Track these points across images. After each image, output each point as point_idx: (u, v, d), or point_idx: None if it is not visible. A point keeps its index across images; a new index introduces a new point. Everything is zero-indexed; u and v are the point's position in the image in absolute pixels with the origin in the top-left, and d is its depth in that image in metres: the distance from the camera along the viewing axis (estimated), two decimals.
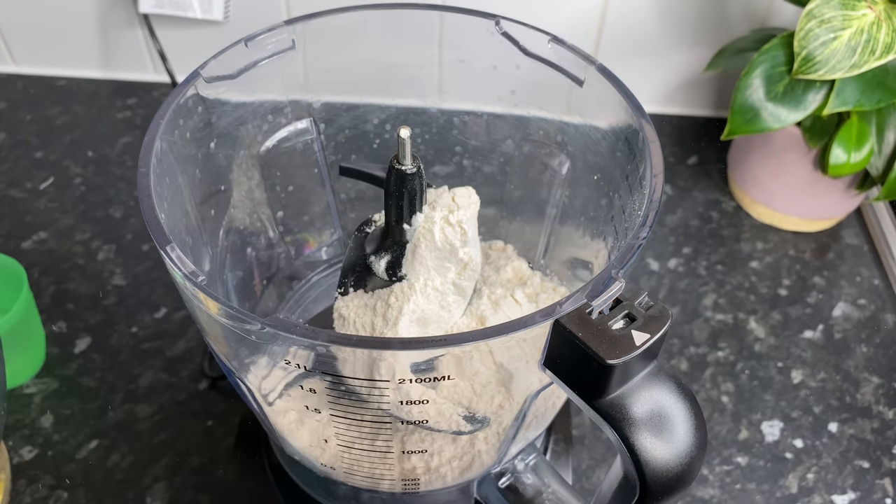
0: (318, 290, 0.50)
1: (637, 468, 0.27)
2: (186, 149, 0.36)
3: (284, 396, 0.35)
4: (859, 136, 0.57)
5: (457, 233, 0.35)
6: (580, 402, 0.28)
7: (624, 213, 0.35)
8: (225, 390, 0.54)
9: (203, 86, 0.36)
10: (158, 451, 0.51)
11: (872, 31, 0.52)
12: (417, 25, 0.41)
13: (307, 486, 0.44)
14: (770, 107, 0.57)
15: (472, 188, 0.36)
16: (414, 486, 0.39)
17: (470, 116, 0.44)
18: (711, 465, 0.51)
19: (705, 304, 0.61)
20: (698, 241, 0.65)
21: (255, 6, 0.71)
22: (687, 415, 0.27)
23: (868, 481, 0.51)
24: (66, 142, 0.71)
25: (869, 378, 0.56)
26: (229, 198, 0.41)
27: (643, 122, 0.33)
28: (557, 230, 0.44)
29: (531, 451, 0.41)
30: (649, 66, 0.73)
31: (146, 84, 0.78)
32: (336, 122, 0.44)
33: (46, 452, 0.50)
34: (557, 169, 0.42)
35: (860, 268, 0.64)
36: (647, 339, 0.26)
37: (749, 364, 0.57)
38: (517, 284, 0.41)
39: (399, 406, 0.32)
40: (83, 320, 0.57)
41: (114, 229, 0.64)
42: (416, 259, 0.35)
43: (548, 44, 0.37)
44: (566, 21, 0.69)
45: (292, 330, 0.26)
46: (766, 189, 0.65)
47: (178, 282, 0.29)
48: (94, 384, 0.54)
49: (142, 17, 0.71)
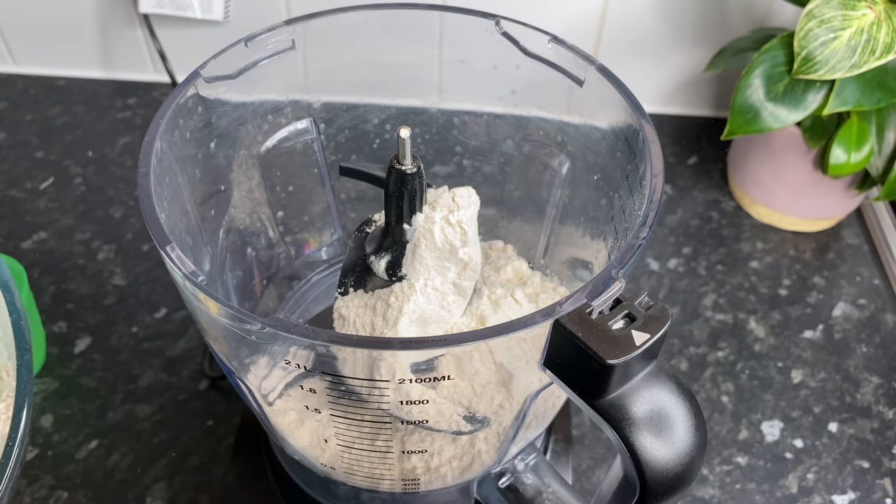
0: (318, 290, 0.50)
1: (637, 468, 0.27)
2: (186, 149, 0.36)
3: (284, 396, 0.35)
4: (859, 136, 0.57)
5: (457, 233, 0.35)
6: (580, 402, 0.28)
7: (624, 213, 0.35)
8: (225, 390, 0.54)
9: (203, 86, 0.36)
10: (158, 451, 0.51)
11: (872, 31, 0.52)
12: (417, 25, 0.41)
13: (307, 486, 0.44)
14: (770, 107, 0.57)
15: (472, 188, 0.36)
16: (414, 486, 0.39)
17: (470, 116, 0.44)
18: (711, 465, 0.51)
19: (705, 304, 0.61)
20: (698, 241, 0.65)
21: (255, 6, 0.71)
22: (687, 415, 0.27)
23: (868, 481, 0.51)
24: (66, 142, 0.71)
25: (869, 378, 0.57)
26: (229, 198, 0.41)
27: (643, 122, 0.33)
28: (557, 230, 0.44)
29: (531, 451, 0.41)
30: (649, 66, 0.73)
31: (146, 84, 0.78)
32: (336, 122, 0.44)
33: (46, 452, 0.50)
34: (557, 169, 0.42)
35: (860, 268, 0.64)
36: (647, 339, 0.26)
37: (749, 364, 0.57)
38: (517, 284, 0.41)
39: (399, 406, 0.32)
40: (83, 320, 0.57)
41: (114, 229, 0.64)
42: (416, 259, 0.35)
43: (548, 44, 0.37)
44: (566, 21, 0.69)
45: (292, 330, 0.26)
46: (766, 189, 0.65)
47: (178, 282, 0.29)
48: (94, 384, 0.54)
49: (142, 17, 0.71)
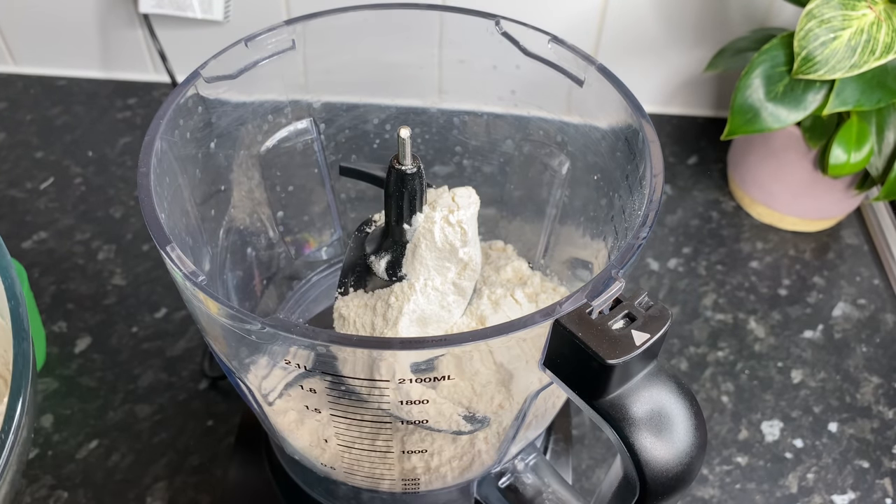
0: (318, 290, 0.50)
1: (637, 468, 0.27)
2: (186, 149, 0.36)
3: (284, 396, 0.35)
4: (859, 136, 0.57)
5: (457, 233, 0.35)
6: (580, 402, 0.28)
7: (624, 213, 0.35)
8: (225, 390, 0.54)
9: (203, 86, 0.36)
10: (158, 451, 0.51)
11: (872, 31, 0.52)
12: (417, 25, 0.41)
13: (307, 486, 0.44)
14: (770, 107, 0.57)
15: (472, 188, 0.36)
16: (414, 486, 0.39)
17: (470, 116, 0.44)
18: (711, 465, 0.51)
19: (705, 304, 0.61)
20: (698, 241, 0.65)
21: (255, 6, 0.71)
22: (687, 415, 0.27)
23: (868, 481, 0.51)
24: (66, 142, 0.71)
25: (869, 378, 0.56)
26: (229, 198, 0.41)
27: (643, 122, 0.33)
28: (557, 230, 0.44)
29: (531, 451, 0.41)
30: (649, 66, 0.73)
31: (146, 84, 0.78)
32: (336, 122, 0.44)
33: (46, 452, 0.50)
34: (557, 169, 0.42)
35: (860, 268, 0.64)
36: (647, 338, 0.26)
37: (749, 364, 0.57)
38: (517, 284, 0.41)
39: (399, 406, 0.32)
40: (83, 320, 0.57)
41: (114, 229, 0.64)
42: (416, 259, 0.35)
43: (548, 44, 0.37)
44: (566, 21, 0.69)
45: (292, 330, 0.26)
46: (766, 189, 0.65)
47: (178, 282, 0.29)
48: (94, 384, 0.54)
49: (142, 17, 0.71)
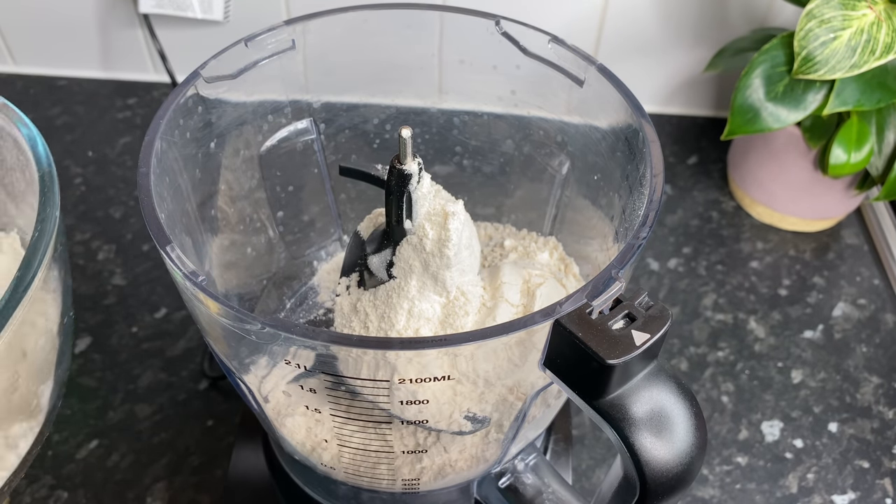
0: (318, 290, 0.50)
1: (637, 468, 0.27)
2: (186, 149, 0.36)
3: (284, 397, 0.35)
4: (859, 136, 0.57)
5: (456, 234, 0.35)
6: (580, 402, 0.28)
7: (624, 213, 0.35)
8: (225, 390, 0.54)
9: (203, 86, 0.36)
10: (158, 451, 0.51)
11: (872, 31, 0.52)
12: (417, 25, 0.41)
13: (307, 486, 0.44)
14: (770, 107, 0.57)
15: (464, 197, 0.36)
16: (414, 486, 0.39)
17: (470, 116, 0.44)
18: (711, 465, 0.51)
19: (705, 304, 0.61)
20: (698, 241, 0.65)
21: (255, 6, 0.71)
22: (687, 415, 0.27)
23: (868, 481, 0.51)
24: (66, 142, 0.71)
25: (869, 378, 0.56)
26: (229, 198, 0.41)
27: (643, 122, 0.33)
28: (557, 230, 0.44)
29: (531, 451, 0.41)
30: (649, 66, 0.73)
31: (146, 84, 0.78)
32: (336, 122, 0.44)
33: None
34: (557, 169, 0.42)
35: (860, 268, 0.64)
36: (647, 339, 0.26)
37: (749, 364, 0.57)
38: (517, 284, 0.41)
39: (399, 406, 0.32)
40: (83, 320, 0.57)
41: (114, 229, 0.64)
42: (416, 259, 0.35)
43: (548, 44, 0.37)
44: (566, 21, 0.69)
45: (292, 330, 0.26)
46: (766, 189, 0.65)
47: (178, 282, 0.29)
48: (94, 384, 0.54)
49: (142, 17, 0.71)
